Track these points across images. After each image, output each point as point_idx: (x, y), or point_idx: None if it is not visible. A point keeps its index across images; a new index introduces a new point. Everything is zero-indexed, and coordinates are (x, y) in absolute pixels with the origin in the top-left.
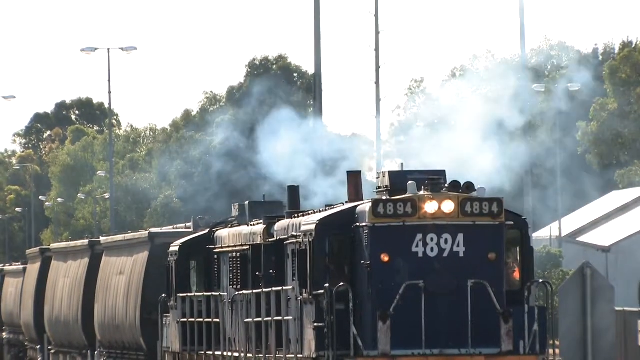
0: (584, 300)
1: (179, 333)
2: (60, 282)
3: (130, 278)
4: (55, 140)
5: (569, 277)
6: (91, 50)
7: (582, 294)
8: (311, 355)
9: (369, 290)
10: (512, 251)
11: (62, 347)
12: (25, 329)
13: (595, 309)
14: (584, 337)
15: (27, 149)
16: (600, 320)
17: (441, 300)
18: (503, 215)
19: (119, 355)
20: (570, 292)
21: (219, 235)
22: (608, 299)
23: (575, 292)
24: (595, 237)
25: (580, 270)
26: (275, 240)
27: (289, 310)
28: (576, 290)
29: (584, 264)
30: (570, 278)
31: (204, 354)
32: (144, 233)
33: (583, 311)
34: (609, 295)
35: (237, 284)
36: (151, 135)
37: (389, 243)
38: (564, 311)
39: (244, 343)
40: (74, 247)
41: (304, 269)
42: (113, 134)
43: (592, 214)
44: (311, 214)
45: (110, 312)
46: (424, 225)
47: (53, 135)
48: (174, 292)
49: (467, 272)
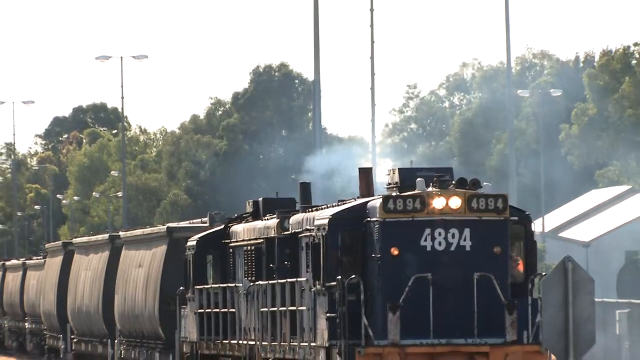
0: (565, 292)
1: (196, 323)
2: (82, 274)
3: (149, 271)
4: (72, 143)
5: (551, 270)
6: (105, 58)
7: (564, 286)
8: (324, 344)
9: (379, 282)
10: (516, 245)
11: (84, 336)
12: (46, 318)
13: (577, 300)
14: (565, 326)
15: (46, 150)
16: (581, 311)
17: (448, 292)
18: (508, 211)
19: (138, 344)
20: (552, 284)
21: (234, 230)
22: (588, 290)
23: (557, 284)
24: (576, 233)
25: (562, 264)
26: (290, 233)
27: (303, 300)
28: (558, 282)
29: (565, 258)
30: (552, 271)
31: (220, 343)
32: (162, 228)
33: (565, 302)
34: (589, 287)
35: (252, 276)
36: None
37: (398, 237)
38: (547, 302)
39: (259, 332)
40: (95, 241)
41: (317, 261)
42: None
43: (573, 211)
44: (324, 208)
45: (130, 303)
46: (432, 220)
47: (70, 138)
48: (192, 285)
49: (473, 265)
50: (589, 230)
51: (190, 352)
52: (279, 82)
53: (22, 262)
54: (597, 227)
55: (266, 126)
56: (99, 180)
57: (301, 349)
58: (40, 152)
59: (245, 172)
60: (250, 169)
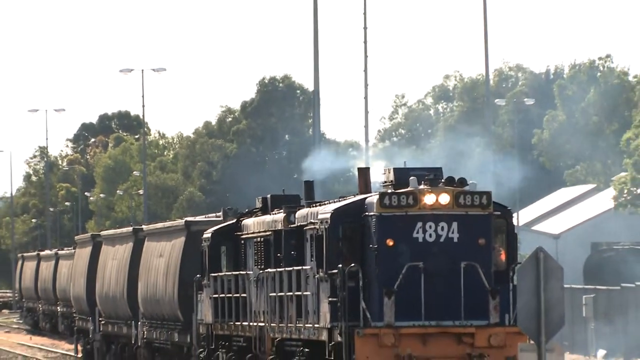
0: (537, 279)
1: (211, 307)
2: (109, 263)
3: (169, 260)
4: (98, 146)
5: (525, 259)
6: (128, 71)
7: (537, 273)
8: (326, 325)
9: (376, 270)
10: (498, 237)
11: (111, 318)
12: (75, 303)
13: (547, 286)
14: (538, 309)
15: (75, 153)
16: (552, 296)
17: (438, 279)
18: (491, 207)
19: (159, 325)
20: (526, 272)
21: (245, 224)
22: (558, 277)
23: (530, 272)
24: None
25: (534, 254)
26: (296, 226)
27: (307, 286)
28: (531, 270)
29: (537, 249)
30: (526, 260)
31: (233, 324)
32: (181, 222)
33: (537, 288)
34: (558, 274)
35: (261, 265)
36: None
37: (393, 230)
38: (521, 288)
39: (267, 315)
40: (121, 233)
41: (321, 251)
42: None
43: (544, 207)
44: (327, 204)
45: (152, 289)
46: (423, 214)
47: (97, 142)
48: (207, 273)
49: (460, 255)
50: (559, 224)
51: (206, 333)
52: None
53: (55, 253)
54: (565, 221)
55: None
56: (122, 179)
57: (306, 330)
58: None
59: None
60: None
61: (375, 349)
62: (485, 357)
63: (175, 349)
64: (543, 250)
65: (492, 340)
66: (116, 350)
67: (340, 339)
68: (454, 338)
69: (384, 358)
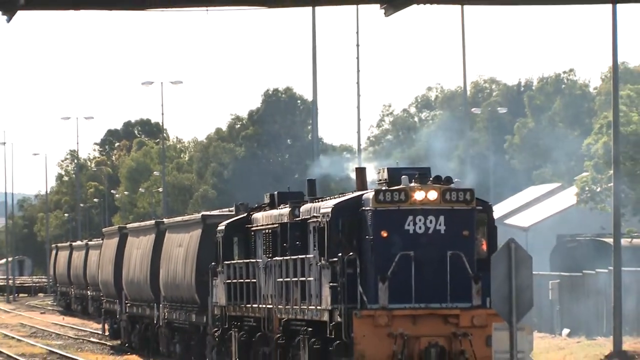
0: (509, 267)
1: (225, 291)
2: (133, 252)
3: (187, 249)
4: (122, 149)
5: (498, 250)
6: (149, 83)
7: (508, 262)
8: (327, 307)
9: (371, 258)
10: (480, 229)
11: (135, 301)
12: (103, 287)
13: (518, 273)
14: (509, 293)
15: (101, 155)
16: (522, 281)
17: (427, 267)
18: (474, 202)
19: (178, 307)
20: (499, 260)
21: (254, 217)
22: (527, 265)
23: (503, 260)
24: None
25: (507, 245)
26: (300, 219)
27: (310, 273)
28: (504, 259)
29: (509, 240)
30: (499, 250)
31: (244, 306)
32: (198, 215)
33: (509, 274)
34: (528, 263)
35: (269, 253)
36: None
37: (387, 223)
38: (495, 274)
39: (275, 298)
40: (144, 226)
41: (322, 241)
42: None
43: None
44: (328, 200)
45: (172, 275)
46: (414, 209)
47: (121, 146)
48: (221, 260)
49: (446, 245)
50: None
51: (220, 314)
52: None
53: (85, 243)
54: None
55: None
56: (144, 179)
57: (309, 311)
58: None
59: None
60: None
61: (371, 328)
62: (468, 335)
63: (192, 328)
64: (514, 241)
65: (474, 320)
66: (140, 329)
67: (340, 319)
68: (440, 319)
69: (378, 336)
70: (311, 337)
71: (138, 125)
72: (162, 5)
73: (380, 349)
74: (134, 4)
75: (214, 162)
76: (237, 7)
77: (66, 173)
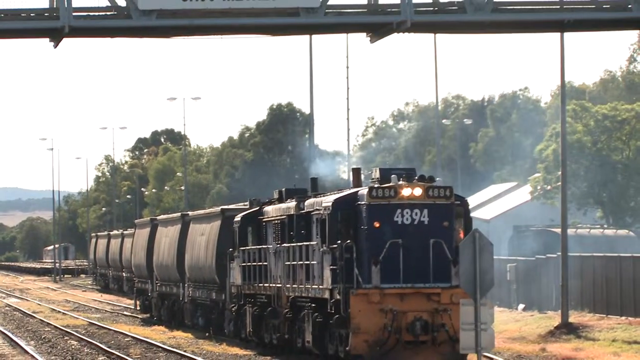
0: (474, 252)
1: (240, 273)
2: (163, 240)
3: (209, 237)
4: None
5: (465, 238)
6: (173, 99)
7: (474, 248)
8: (328, 286)
9: (366, 245)
10: (458, 220)
11: (164, 281)
12: (136, 269)
13: (482, 257)
14: (474, 275)
15: (133, 159)
16: (485, 264)
17: (413, 252)
18: (453, 197)
19: (201, 286)
20: (466, 247)
21: (265, 210)
22: (489, 251)
23: (469, 247)
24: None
25: (472, 234)
26: (305, 212)
27: (314, 257)
28: (470, 245)
29: (474, 230)
30: (466, 238)
31: (257, 285)
32: (218, 209)
33: (474, 259)
34: (489, 249)
35: (278, 241)
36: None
37: (379, 215)
38: (462, 259)
39: (283, 278)
40: (172, 218)
41: (324, 231)
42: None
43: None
44: (329, 195)
45: (196, 259)
46: (402, 203)
47: (150, 151)
48: (237, 247)
49: (429, 234)
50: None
51: (236, 292)
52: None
53: (121, 232)
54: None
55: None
56: (169, 179)
57: (312, 290)
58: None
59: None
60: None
61: (365, 304)
62: (448, 310)
63: (213, 304)
64: (478, 231)
65: (453, 298)
66: (168, 305)
67: (339, 297)
68: (424, 296)
69: (372, 311)
70: (314, 312)
71: (164, 134)
72: (184, 33)
73: (373, 322)
74: (160, 32)
75: (227, 164)
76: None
77: (102, 174)
